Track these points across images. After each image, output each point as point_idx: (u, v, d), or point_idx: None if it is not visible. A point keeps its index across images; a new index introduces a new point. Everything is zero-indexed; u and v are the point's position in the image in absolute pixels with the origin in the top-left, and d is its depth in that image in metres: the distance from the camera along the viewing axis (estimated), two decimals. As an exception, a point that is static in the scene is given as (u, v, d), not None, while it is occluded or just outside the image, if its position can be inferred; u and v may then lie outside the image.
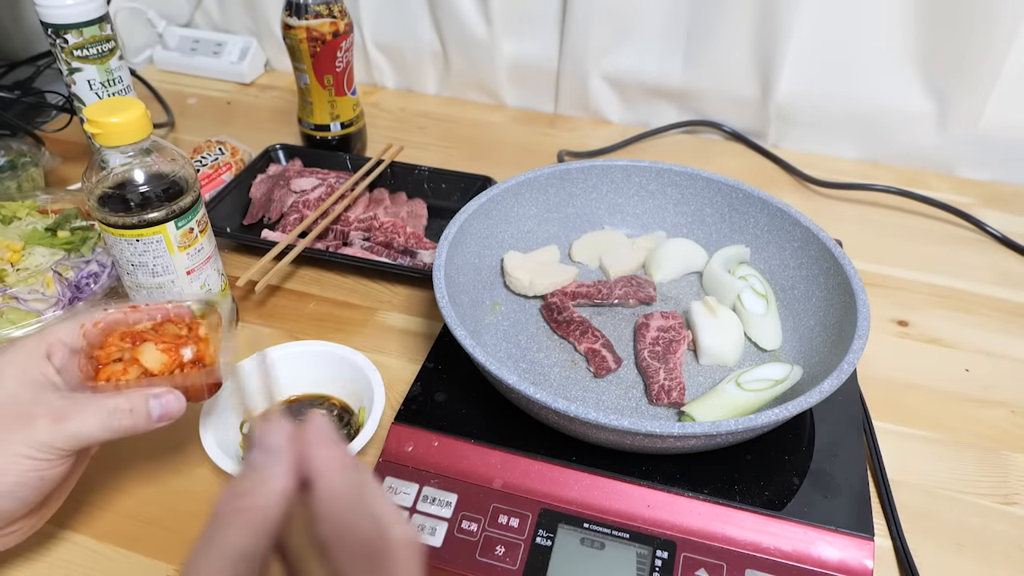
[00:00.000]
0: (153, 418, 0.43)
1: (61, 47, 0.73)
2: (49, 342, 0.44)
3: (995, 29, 0.77)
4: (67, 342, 0.44)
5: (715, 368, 0.60)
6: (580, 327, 0.61)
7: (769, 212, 0.65)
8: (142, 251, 0.55)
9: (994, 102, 0.82)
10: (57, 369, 0.43)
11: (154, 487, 0.53)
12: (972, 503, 0.53)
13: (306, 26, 0.78)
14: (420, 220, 0.78)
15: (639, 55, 0.93)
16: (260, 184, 0.81)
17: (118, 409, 0.41)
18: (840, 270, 0.57)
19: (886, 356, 0.65)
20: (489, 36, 0.96)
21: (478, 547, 0.47)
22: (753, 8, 0.84)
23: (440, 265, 0.56)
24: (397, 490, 0.49)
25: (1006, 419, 0.60)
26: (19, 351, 0.43)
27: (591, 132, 0.98)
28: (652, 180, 0.70)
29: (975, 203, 0.84)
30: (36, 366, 0.43)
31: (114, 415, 0.41)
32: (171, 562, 0.49)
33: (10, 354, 0.43)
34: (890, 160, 0.91)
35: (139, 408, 0.42)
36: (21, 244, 0.66)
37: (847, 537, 0.46)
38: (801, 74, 0.87)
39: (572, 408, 0.45)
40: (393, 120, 1.00)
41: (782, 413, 0.46)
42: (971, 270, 0.75)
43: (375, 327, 0.67)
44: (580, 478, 0.50)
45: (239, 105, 1.04)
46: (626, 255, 0.69)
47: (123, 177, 0.53)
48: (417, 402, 0.55)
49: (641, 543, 0.47)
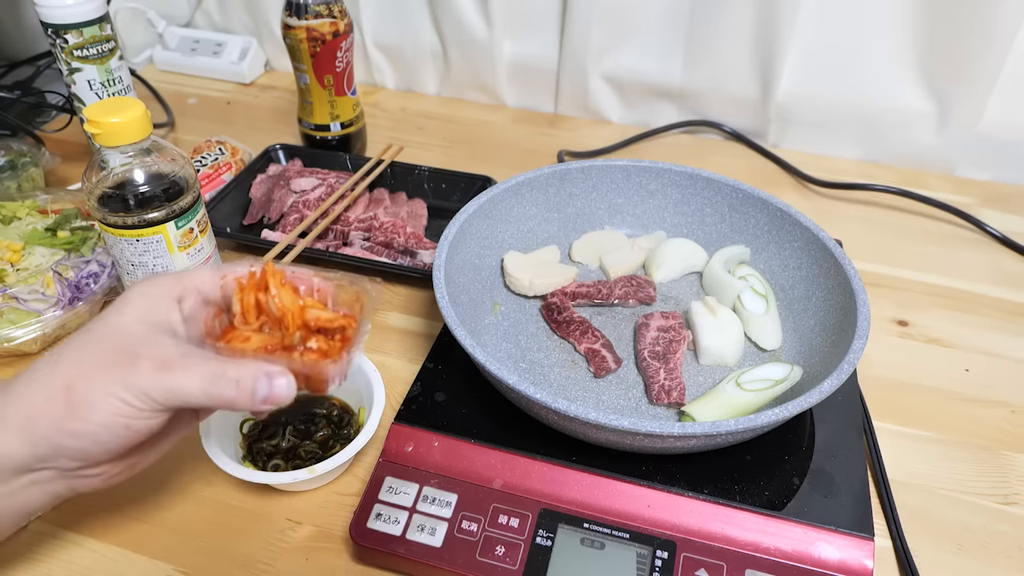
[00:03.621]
0: (258, 398, 0.38)
1: (61, 47, 0.73)
2: (184, 285, 0.41)
3: (995, 29, 0.77)
4: (203, 291, 0.41)
5: (715, 368, 0.60)
6: (580, 327, 0.61)
7: (769, 212, 0.65)
8: (142, 251, 0.55)
9: (994, 102, 0.82)
10: (184, 316, 0.40)
11: (154, 487, 0.53)
12: (972, 503, 0.53)
13: (306, 26, 0.78)
14: (420, 220, 0.78)
15: (639, 55, 0.93)
16: (260, 184, 0.81)
17: (225, 376, 0.37)
18: (840, 270, 0.57)
19: (886, 356, 0.65)
20: (489, 36, 0.96)
21: (478, 547, 0.47)
22: (753, 8, 0.84)
23: (440, 265, 0.56)
24: (397, 490, 0.49)
25: (1006, 419, 0.60)
26: (152, 286, 0.40)
27: (591, 132, 0.98)
28: (652, 180, 0.70)
29: (975, 203, 0.84)
30: (163, 306, 0.40)
31: (218, 382, 0.37)
32: (171, 562, 0.49)
33: (142, 287, 0.40)
34: (890, 160, 0.91)
35: (246, 382, 0.38)
36: (21, 244, 0.66)
37: (847, 537, 0.46)
38: (801, 74, 0.87)
39: (572, 408, 0.45)
40: (393, 120, 1.00)
41: (782, 413, 0.46)
42: (971, 270, 0.75)
43: (375, 327, 0.67)
44: (580, 478, 0.50)
45: (239, 105, 1.04)
46: (626, 255, 0.69)
47: (123, 177, 0.53)
48: (417, 402, 0.55)
49: (641, 543, 0.47)
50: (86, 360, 0.38)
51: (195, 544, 0.50)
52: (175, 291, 0.40)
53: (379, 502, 0.49)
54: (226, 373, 0.37)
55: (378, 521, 0.48)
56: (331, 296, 0.42)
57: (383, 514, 0.48)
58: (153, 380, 0.37)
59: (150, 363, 0.37)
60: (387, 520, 0.48)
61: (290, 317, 0.40)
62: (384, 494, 0.49)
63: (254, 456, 0.53)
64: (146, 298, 0.40)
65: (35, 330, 0.60)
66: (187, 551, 0.49)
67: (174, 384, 0.37)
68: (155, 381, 0.37)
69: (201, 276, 0.41)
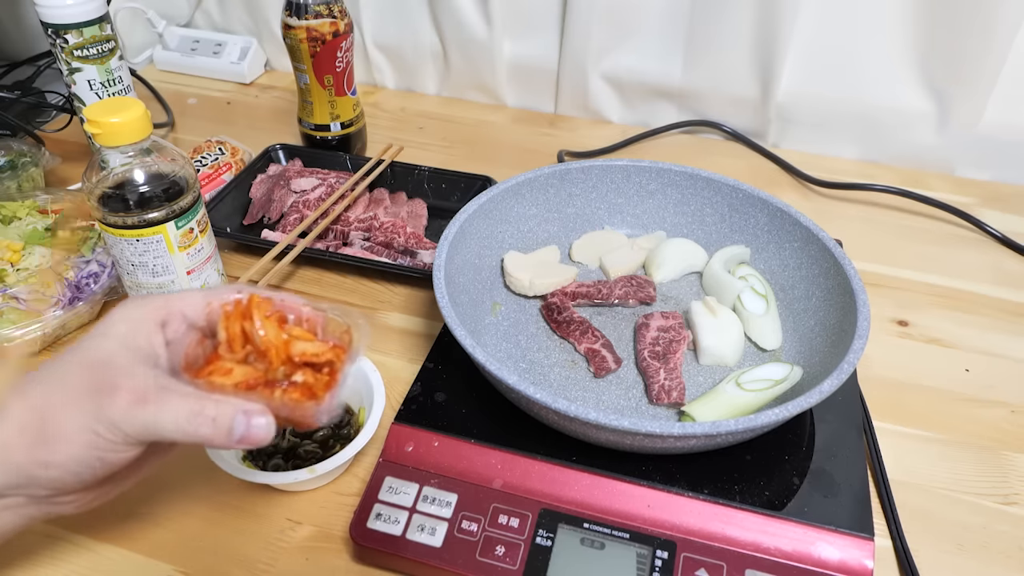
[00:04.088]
0: (234, 437, 0.36)
1: (61, 47, 0.73)
2: (169, 309, 0.39)
3: (995, 29, 0.77)
4: (188, 316, 0.39)
5: (715, 368, 0.60)
6: (580, 327, 0.61)
7: (769, 212, 0.65)
8: (142, 251, 0.55)
9: (994, 102, 0.82)
10: (168, 341, 0.39)
11: (154, 487, 0.53)
12: (972, 503, 0.53)
13: (306, 26, 0.78)
14: (420, 220, 0.78)
15: (639, 55, 0.93)
16: (260, 184, 0.81)
17: (202, 414, 0.36)
18: (840, 270, 0.57)
19: (886, 356, 0.64)
20: (489, 36, 0.96)
21: (478, 547, 0.47)
22: (753, 8, 0.84)
23: (440, 265, 0.56)
24: (397, 490, 0.49)
25: (1006, 419, 0.60)
26: (135, 309, 0.39)
27: (591, 132, 0.98)
28: (652, 180, 0.70)
29: (975, 203, 0.84)
30: (145, 330, 0.38)
31: (195, 419, 0.36)
32: (171, 562, 0.49)
33: (125, 310, 0.39)
34: (890, 160, 0.91)
35: (223, 421, 0.36)
36: (21, 244, 0.66)
37: (847, 537, 0.46)
38: (801, 74, 0.87)
39: (572, 408, 0.45)
40: (393, 120, 1.00)
41: (782, 413, 0.46)
42: (971, 270, 0.75)
43: (375, 327, 0.67)
44: (580, 478, 0.50)
45: (239, 105, 1.04)
46: (626, 255, 0.69)
47: (123, 177, 0.53)
48: (417, 402, 0.55)
49: (641, 543, 0.47)
50: (60, 390, 0.37)
51: (195, 544, 0.50)
52: (159, 315, 0.39)
53: (379, 502, 0.49)
54: (204, 410, 0.36)
55: (378, 521, 0.48)
56: (320, 326, 0.41)
57: (383, 514, 0.48)
58: (127, 414, 0.35)
59: (126, 396, 0.36)
60: (387, 520, 0.48)
61: (274, 352, 0.38)
62: (384, 494, 0.49)
63: (254, 456, 0.53)
64: (127, 322, 0.38)
65: (35, 330, 0.60)
66: (187, 551, 0.49)
67: (149, 419, 0.36)
68: (129, 415, 0.36)
69: (187, 300, 0.40)
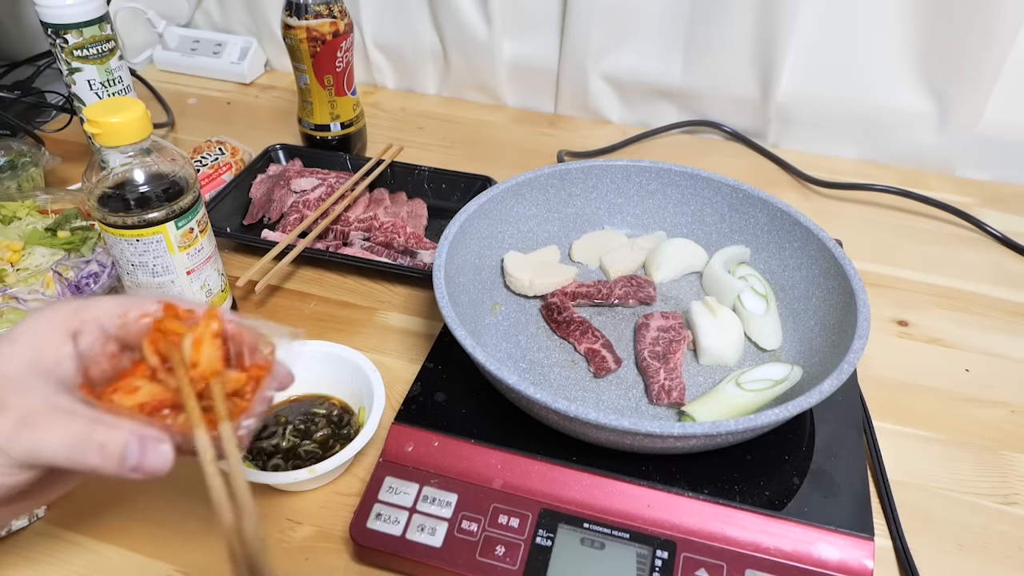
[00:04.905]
0: (127, 466, 0.32)
1: (61, 47, 0.73)
2: (83, 318, 0.35)
3: (996, 29, 0.77)
4: (104, 325, 0.36)
5: (715, 368, 0.60)
6: (580, 327, 0.61)
7: (769, 212, 0.65)
8: (142, 251, 0.55)
9: (994, 102, 0.82)
10: (79, 353, 0.35)
11: (154, 487, 0.53)
12: (972, 503, 0.53)
13: (306, 26, 0.78)
14: (420, 220, 0.78)
15: (639, 55, 0.93)
16: (260, 184, 0.81)
17: (90, 440, 0.32)
18: (840, 270, 0.57)
19: (886, 356, 0.64)
20: (489, 36, 0.96)
21: (478, 547, 0.47)
22: (753, 8, 0.84)
23: (440, 265, 0.56)
24: (397, 490, 0.49)
25: (1006, 419, 0.60)
26: (44, 317, 0.35)
27: (591, 132, 0.98)
28: (652, 180, 0.70)
29: (975, 203, 0.84)
30: (52, 341, 0.35)
31: (81, 445, 0.32)
32: (171, 562, 0.49)
33: (33, 319, 0.35)
34: (890, 160, 0.91)
35: (113, 448, 0.32)
36: (21, 244, 0.66)
37: (847, 537, 0.46)
38: (801, 74, 0.87)
39: (572, 408, 0.45)
40: (393, 120, 1.00)
41: (782, 413, 0.46)
42: (971, 270, 0.75)
43: (375, 327, 0.67)
44: (580, 478, 0.50)
45: (239, 105, 1.04)
46: (626, 255, 0.69)
47: (123, 177, 0.53)
48: (417, 402, 0.55)
49: (641, 543, 0.47)
50: None
51: (195, 544, 0.50)
52: (71, 324, 0.35)
53: (379, 502, 0.49)
54: (92, 436, 0.32)
55: (378, 521, 0.48)
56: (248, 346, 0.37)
57: (383, 514, 0.48)
58: (11, 437, 0.32)
59: (11, 416, 0.32)
60: (387, 520, 0.48)
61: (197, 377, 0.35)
62: (384, 494, 0.49)
63: (254, 456, 0.53)
64: (32, 333, 0.35)
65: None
66: (187, 551, 0.49)
67: (32, 442, 0.32)
68: (13, 438, 0.32)
69: (101, 308, 0.36)
